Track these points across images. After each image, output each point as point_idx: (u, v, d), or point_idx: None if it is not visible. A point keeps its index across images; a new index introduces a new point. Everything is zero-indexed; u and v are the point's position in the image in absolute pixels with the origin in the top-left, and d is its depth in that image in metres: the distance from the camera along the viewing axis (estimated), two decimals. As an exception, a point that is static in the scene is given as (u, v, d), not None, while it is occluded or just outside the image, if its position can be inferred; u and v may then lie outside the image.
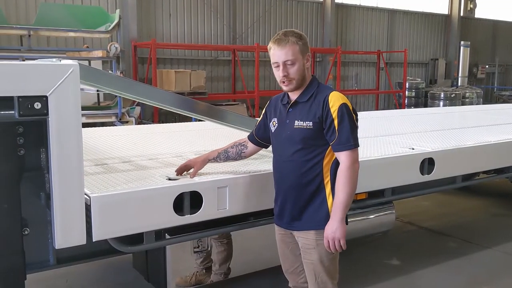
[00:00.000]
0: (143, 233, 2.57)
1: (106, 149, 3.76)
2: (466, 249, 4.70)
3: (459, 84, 20.28)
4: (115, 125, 8.74)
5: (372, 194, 3.52)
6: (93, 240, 2.36)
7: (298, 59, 2.37)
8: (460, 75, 20.82)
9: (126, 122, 9.33)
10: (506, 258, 4.53)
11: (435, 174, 3.74)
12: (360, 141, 2.41)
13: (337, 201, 2.34)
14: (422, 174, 3.68)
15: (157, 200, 2.55)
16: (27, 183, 2.45)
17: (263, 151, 3.50)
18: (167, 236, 2.73)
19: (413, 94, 18.08)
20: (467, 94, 18.21)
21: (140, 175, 2.81)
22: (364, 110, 18.22)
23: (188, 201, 2.64)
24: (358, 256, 4.42)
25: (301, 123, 2.39)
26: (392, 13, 19.13)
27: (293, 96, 2.47)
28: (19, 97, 2.13)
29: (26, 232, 2.47)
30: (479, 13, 22.17)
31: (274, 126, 2.55)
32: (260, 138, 2.74)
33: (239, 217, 2.92)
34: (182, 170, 2.75)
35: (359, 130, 2.44)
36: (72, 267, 2.98)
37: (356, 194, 3.36)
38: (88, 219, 2.35)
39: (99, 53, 9.17)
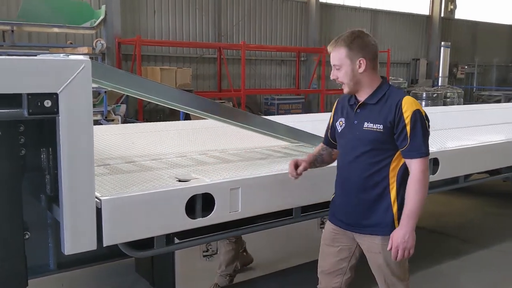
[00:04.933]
0: (153, 237, 2.46)
1: (104, 148, 3.62)
2: (464, 249, 4.71)
3: (439, 84, 20.55)
4: (101, 124, 8.53)
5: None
6: (104, 245, 2.25)
7: (345, 64, 2.35)
8: (440, 75, 21.11)
9: (112, 120, 9.13)
10: (503, 256, 4.55)
11: (440, 174, 3.71)
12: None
13: (407, 209, 2.28)
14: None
15: (169, 203, 2.44)
16: (28, 184, 2.32)
17: (269, 151, 3.45)
18: (177, 240, 2.63)
19: (396, 93, 18.23)
20: (449, 94, 18.47)
21: (148, 177, 2.69)
22: (347, 109, 18.33)
23: (201, 203, 2.54)
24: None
25: (371, 125, 2.34)
26: (375, 13, 19.25)
27: (361, 97, 2.42)
28: (28, 94, 2.00)
29: (27, 236, 2.34)
30: (459, 14, 22.50)
31: (340, 126, 2.51)
32: (335, 141, 2.63)
33: (249, 218, 2.84)
34: (294, 166, 2.55)
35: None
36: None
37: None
38: (99, 223, 2.23)
39: (84, 50, 8.96)
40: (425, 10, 21.33)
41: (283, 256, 3.20)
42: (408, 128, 2.26)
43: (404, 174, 2.35)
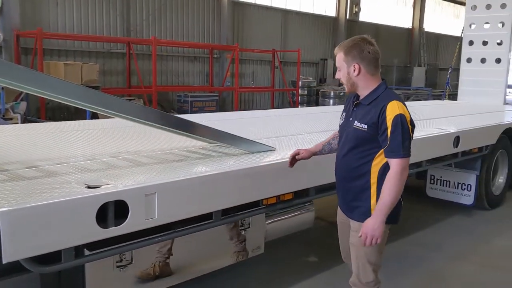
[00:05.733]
0: (61, 250, 2.23)
1: (0, 152, 3.26)
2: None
3: (346, 83, 21.48)
4: (-2, 123, 7.81)
5: (298, 194, 3.48)
6: (3, 262, 1.99)
7: (342, 67, 2.58)
8: (347, 74, 22.09)
9: (11, 119, 8.40)
10: (417, 251, 4.79)
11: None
12: (285, 139, 2.29)
13: (381, 202, 2.46)
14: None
15: (78, 212, 2.23)
16: None
17: (186, 153, 3.32)
18: (87, 252, 2.41)
19: (306, 92, 18.79)
20: (354, 93, 19.36)
21: (53, 183, 2.44)
22: (260, 107, 18.55)
23: (113, 211, 2.35)
24: (277, 257, 4.39)
25: (358, 124, 2.58)
26: (286, 13, 19.67)
27: (360, 97, 2.63)
28: None
29: None
30: (363, 17, 23.68)
31: (341, 120, 2.77)
32: None
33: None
34: (293, 159, 3.01)
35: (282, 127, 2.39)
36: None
37: (283, 194, 3.35)
38: (-5, 238, 1.97)
39: (-24, 41, 8.12)
40: (332, 12, 22.19)
41: (204, 261, 3.09)
42: (388, 131, 2.46)
43: (385, 171, 2.52)
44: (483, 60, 9.62)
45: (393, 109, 2.46)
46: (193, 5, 16.11)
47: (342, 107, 2.93)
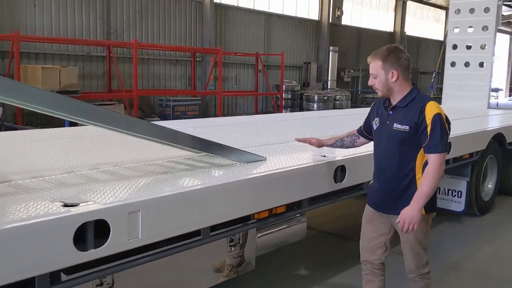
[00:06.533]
0: (34, 277, 2.02)
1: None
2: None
3: (329, 87, 21.50)
4: (-29, 129, 7.48)
5: (289, 206, 3.31)
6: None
7: (380, 74, 2.79)
8: (329, 78, 22.14)
9: (-15, 125, 8.06)
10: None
11: (347, 181, 3.65)
12: (276, 147, 2.13)
13: (420, 192, 2.70)
14: (336, 182, 3.56)
15: (53, 234, 2.02)
16: None
17: (171, 163, 3.12)
18: (64, 277, 2.19)
19: (290, 96, 18.68)
20: (338, 97, 19.39)
21: (26, 201, 2.21)
22: (243, 111, 18.38)
23: (92, 232, 2.14)
24: (268, 269, 4.20)
25: (399, 126, 2.79)
26: (269, 16, 19.55)
27: (393, 101, 2.85)
28: None
29: None
30: (345, 20, 23.72)
31: (376, 125, 2.97)
32: (367, 133, 3.17)
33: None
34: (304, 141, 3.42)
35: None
36: None
37: (276, 207, 3.17)
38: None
39: None
40: (315, 15, 22.16)
41: (191, 280, 2.89)
42: (428, 128, 2.69)
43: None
44: (467, 64, 9.61)
45: (431, 109, 2.72)
46: (175, 7, 15.87)
47: (327, 111, 2.95)
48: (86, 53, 13.47)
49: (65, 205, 2.19)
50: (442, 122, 2.70)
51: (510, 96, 35.76)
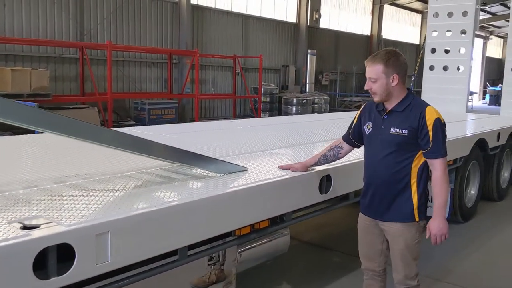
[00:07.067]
0: (-14, 312, 1.76)
1: None
2: (348, 263, 4.57)
3: (307, 90, 21.42)
4: None
5: (273, 220, 3.10)
6: None
7: (381, 78, 2.71)
8: (308, 81, 22.05)
9: None
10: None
11: (333, 192, 3.47)
12: (258, 155, 2.06)
13: (438, 203, 2.70)
14: (321, 193, 3.38)
15: (10, 261, 1.77)
16: None
17: (145, 175, 2.88)
18: (23, 308, 1.94)
19: (268, 99, 18.50)
20: (316, 100, 19.31)
21: (-22, 223, 1.96)
22: (221, 115, 18.13)
23: (55, 258, 1.90)
24: (249, 286, 3.99)
25: (396, 130, 2.74)
26: (246, 19, 19.35)
27: (389, 105, 2.80)
28: None
29: None
30: (323, 24, 23.70)
31: (368, 129, 2.90)
32: (355, 140, 3.07)
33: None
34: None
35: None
36: None
37: (259, 222, 2.97)
38: None
39: None
40: (293, 18, 22.07)
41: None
42: (430, 134, 2.68)
43: (423, 170, 2.80)
44: (445, 68, 9.62)
45: (431, 114, 2.71)
46: (150, 8, 15.53)
47: (308, 115, 2.80)
48: (58, 55, 13.04)
49: (24, 227, 1.95)
50: (442, 127, 2.73)
51: (483, 99, 36.39)
